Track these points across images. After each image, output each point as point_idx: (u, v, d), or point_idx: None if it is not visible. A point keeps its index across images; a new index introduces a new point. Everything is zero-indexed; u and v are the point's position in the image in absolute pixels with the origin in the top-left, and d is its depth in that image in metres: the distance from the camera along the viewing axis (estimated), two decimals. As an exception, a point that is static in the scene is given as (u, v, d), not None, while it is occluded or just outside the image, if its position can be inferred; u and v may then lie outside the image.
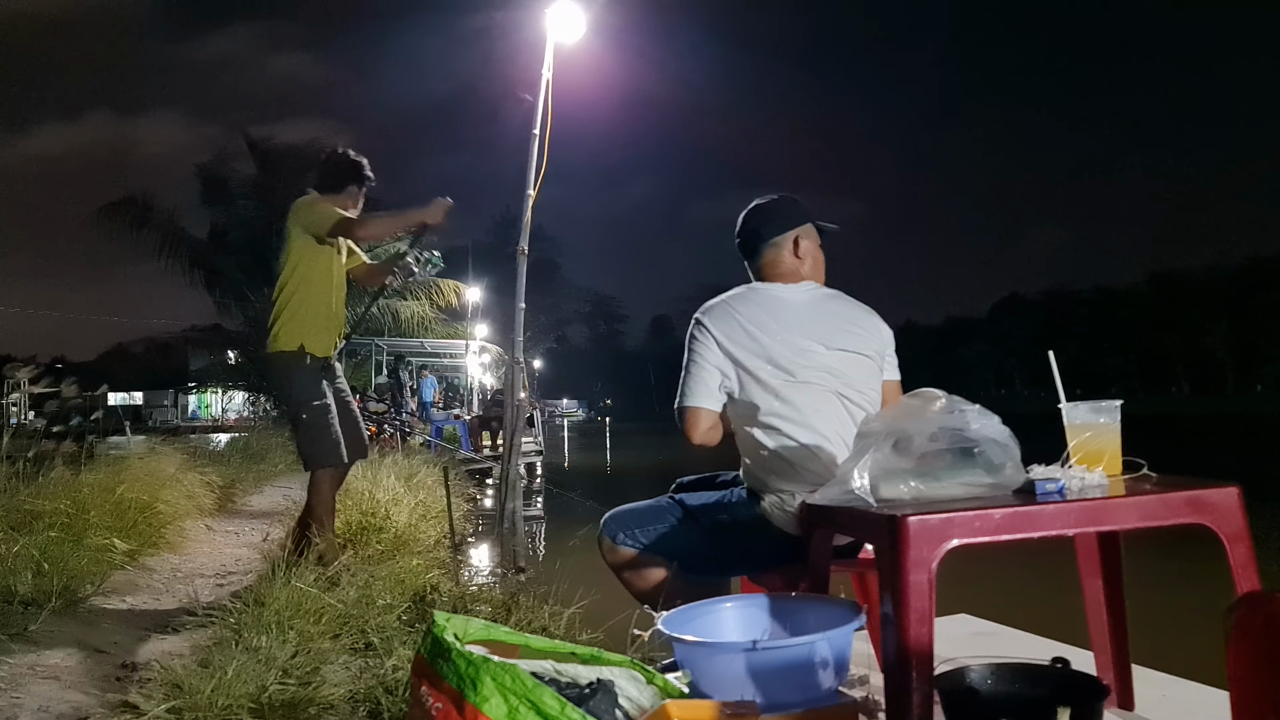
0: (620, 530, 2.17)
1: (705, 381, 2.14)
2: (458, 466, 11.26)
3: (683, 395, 2.17)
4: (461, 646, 1.41)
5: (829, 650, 1.60)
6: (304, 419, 3.81)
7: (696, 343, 2.16)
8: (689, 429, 2.16)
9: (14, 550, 3.31)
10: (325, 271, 3.92)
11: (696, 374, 2.15)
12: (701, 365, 2.14)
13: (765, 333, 2.10)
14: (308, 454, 3.87)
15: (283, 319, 3.86)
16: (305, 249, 3.87)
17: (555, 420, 59.89)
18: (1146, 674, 2.11)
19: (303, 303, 3.85)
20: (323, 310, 3.91)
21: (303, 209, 3.89)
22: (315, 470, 3.86)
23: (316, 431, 3.82)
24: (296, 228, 3.88)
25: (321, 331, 3.91)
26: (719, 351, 2.12)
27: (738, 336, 2.10)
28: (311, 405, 3.81)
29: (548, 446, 21.46)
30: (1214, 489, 1.64)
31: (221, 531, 5.82)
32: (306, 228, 3.85)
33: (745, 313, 2.13)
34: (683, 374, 2.18)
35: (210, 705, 2.10)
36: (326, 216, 3.83)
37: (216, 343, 20.46)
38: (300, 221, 3.87)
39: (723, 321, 2.13)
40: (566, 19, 4.65)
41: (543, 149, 4.63)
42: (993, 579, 4.32)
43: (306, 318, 3.85)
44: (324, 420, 3.83)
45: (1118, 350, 80.00)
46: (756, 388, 2.09)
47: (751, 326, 2.10)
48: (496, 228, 58.82)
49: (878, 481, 1.66)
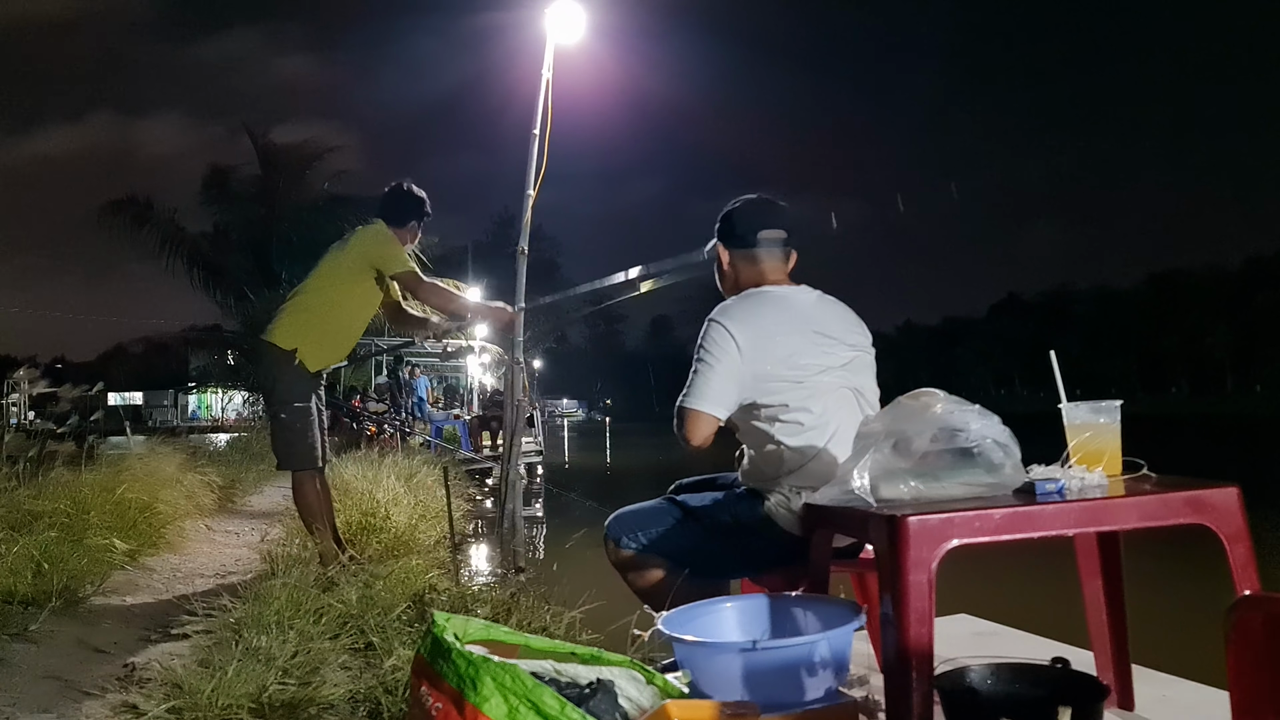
0: (624, 532, 2.16)
1: (719, 387, 2.08)
2: (458, 466, 11.25)
3: (690, 395, 2.10)
4: (461, 646, 1.41)
5: (829, 650, 1.60)
6: (282, 418, 3.84)
7: (714, 345, 2.09)
8: (690, 431, 2.10)
9: (14, 550, 3.31)
10: (362, 301, 3.95)
11: (710, 378, 2.09)
12: (717, 369, 2.08)
13: (786, 333, 2.10)
14: (280, 453, 3.91)
15: (291, 319, 3.86)
16: (354, 274, 3.89)
17: (555, 420, 59.88)
18: (1146, 674, 2.11)
19: (321, 318, 3.87)
20: (339, 333, 3.94)
21: (373, 241, 3.92)
22: (289, 471, 3.90)
23: (292, 433, 3.84)
24: (357, 253, 3.89)
25: (325, 350, 3.92)
26: (738, 355, 2.06)
27: (759, 338, 2.08)
28: (293, 406, 3.82)
29: (548, 446, 21.44)
30: (1214, 489, 1.65)
31: (221, 531, 5.82)
32: (372, 261, 3.88)
33: (765, 314, 2.13)
34: (694, 374, 2.12)
35: (210, 705, 2.10)
36: (401, 262, 3.89)
37: (216, 343, 20.44)
38: (366, 251, 3.89)
39: (743, 324, 2.10)
40: (566, 19, 4.65)
41: (542, 149, 4.63)
42: (993, 579, 4.31)
43: (316, 332, 3.86)
44: (303, 423, 3.84)
45: (1117, 350, 79.98)
46: (779, 387, 2.07)
47: (773, 327, 2.10)
48: (496, 227, 58.83)
49: (878, 481, 1.66)
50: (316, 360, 3.89)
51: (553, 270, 69.47)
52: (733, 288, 2.27)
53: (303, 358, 3.82)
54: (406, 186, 4.13)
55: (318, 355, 3.89)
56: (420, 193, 4.10)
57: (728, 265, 2.28)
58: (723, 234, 2.29)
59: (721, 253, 2.29)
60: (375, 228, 3.98)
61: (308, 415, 3.85)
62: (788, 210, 2.30)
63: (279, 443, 3.89)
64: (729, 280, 2.29)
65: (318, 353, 3.88)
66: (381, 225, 3.99)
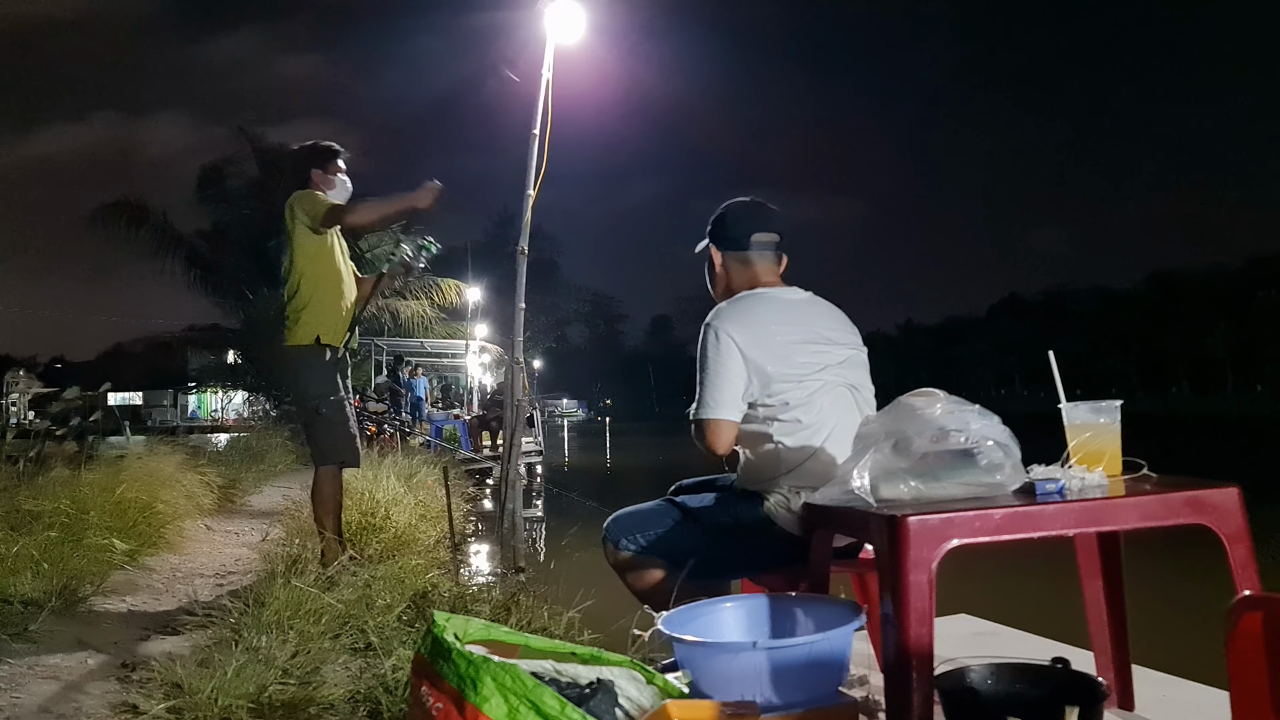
0: (622, 534, 2.16)
1: (728, 391, 2.08)
2: (458, 466, 11.26)
3: (705, 407, 2.10)
4: (461, 646, 1.41)
5: (829, 650, 1.60)
6: (323, 413, 3.83)
7: (715, 350, 2.09)
8: (714, 441, 2.10)
9: (14, 550, 3.31)
10: (333, 266, 3.95)
11: (719, 383, 2.09)
12: (722, 374, 2.08)
13: (783, 333, 2.10)
14: (325, 446, 3.88)
15: (298, 312, 3.87)
16: (308, 243, 3.89)
17: (555, 420, 59.89)
18: (1146, 674, 2.11)
19: (315, 297, 3.88)
20: (337, 302, 3.94)
21: (296, 202, 3.92)
22: (325, 466, 3.88)
23: (336, 426, 3.85)
24: (295, 223, 3.90)
25: (337, 323, 3.93)
26: (740, 357, 2.07)
27: (758, 339, 2.08)
28: (329, 400, 3.84)
29: (548, 446, 21.46)
30: (1214, 489, 1.64)
31: (221, 531, 5.81)
32: (302, 222, 3.88)
33: (762, 314, 2.13)
34: (702, 384, 2.11)
35: (210, 705, 2.10)
36: (317, 204, 3.87)
37: (216, 342, 20.45)
38: (296, 215, 3.89)
39: (741, 325, 2.10)
40: (566, 19, 4.65)
41: (542, 149, 4.63)
42: (993, 579, 4.31)
43: (321, 310, 3.88)
44: (342, 415, 3.88)
45: (1118, 350, 79.98)
46: (780, 387, 2.07)
47: (771, 327, 2.11)
48: (495, 227, 58.80)
49: (878, 482, 1.66)
50: (337, 335, 3.91)
51: (552, 270, 69.51)
52: (725, 290, 2.28)
53: (326, 340, 3.85)
54: (298, 146, 4.17)
55: (335, 331, 3.91)
56: (322, 144, 4.10)
57: (720, 267, 2.29)
58: (715, 236, 2.29)
59: (714, 254, 2.29)
60: (293, 196, 3.98)
61: (344, 407, 3.88)
62: (780, 214, 2.31)
63: (322, 438, 3.87)
64: (721, 282, 2.30)
65: (334, 328, 3.91)
66: (297, 192, 4.00)
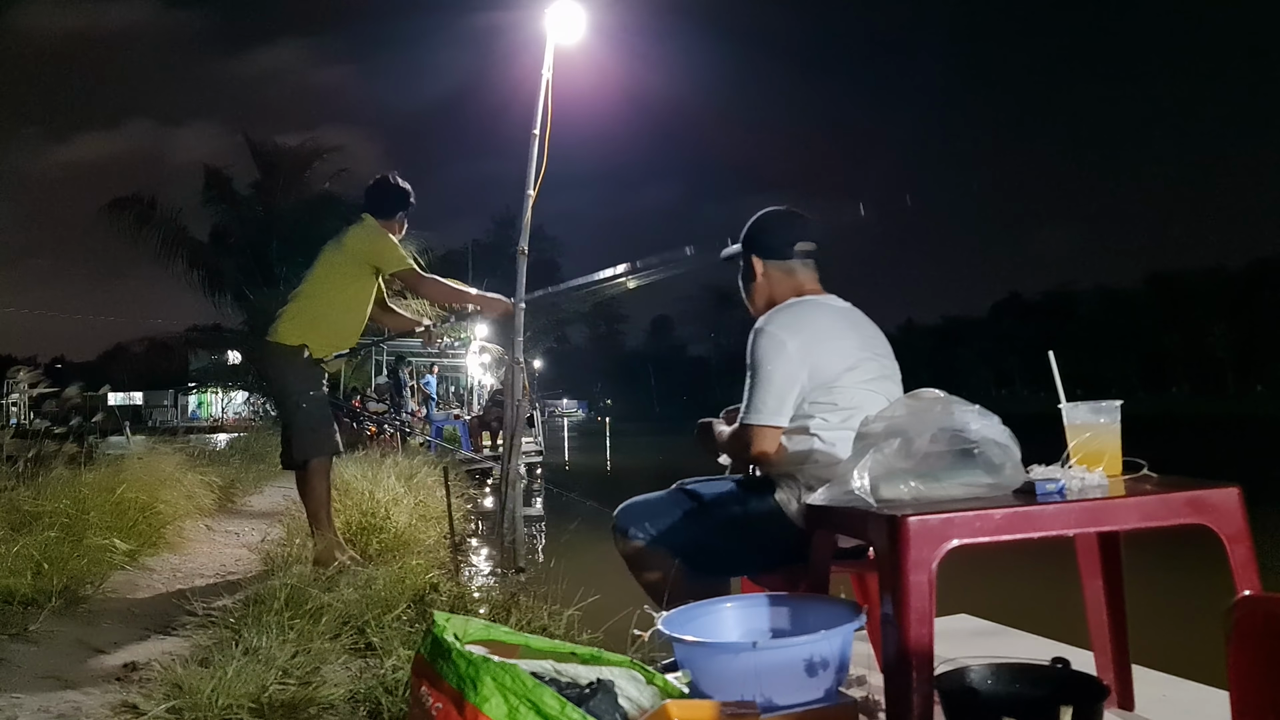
0: (632, 523, 2.15)
1: (781, 397, 2.08)
2: (458, 466, 11.25)
3: (756, 412, 2.10)
4: (461, 646, 1.41)
5: (829, 650, 1.60)
6: (304, 407, 3.86)
7: (769, 355, 2.09)
8: (765, 446, 2.10)
9: (14, 550, 3.31)
10: (362, 297, 3.96)
11: (771, 389, 2.08)
12: (775, 379, 2.07)
13: (835, 338, 2.13)
14: (308, 441, 3.89)
15: (293, 318, 3.88)
16: (351, 272, 3.90)
17: (555, 420, 59.87)
18: (1146, 674, 2.11)
19: (323, 315, 3.89)
20: (341, 328, 3.96)
21: (368, 239, 3.93)
22: (312, 461, 3.88)
23: (317, 420, 3.86)
24: (352, 251, 3.90)
25: (330, 342, 3.94)
26: (797, 360, 2.07)
27: (811, 342, 2.09)
28: (310, 395, 3.86)
29: (548, 446, 21.45)
30: (1214, 489, 1.64)
31: (221, 531, 5.81)
32: (369, 259, 3.89)
33: (813, 319, 2.15)
34: (752, 388, 2.11)
35: (210, 705, 2.10)
36: (399, 259, 3.90)
37: (216, 343, 20.47)
38: (362, 249, 3.90)
39: (794, 329, 2.11)
40: (566, 19, 4.65)
41: (542, 149, 4.63)
42: (993, 579, 4.31)
43: (320, 327, 3.88)
44: (323, 410, 3.89)
45: (1118, 350, 79.96)
46: (829, 393, 2.08)
47: (822, 331, 2.13)
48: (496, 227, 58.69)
49: (878, 482, 1.65)
50: (323, 350, 3.94)
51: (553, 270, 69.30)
52: (767, 299, 2.27)
53: (311, 351, 3.86)
54: (392, 179, 4.14)
55: (323, 347, 3.94)
56: (404, 184, 4.11)
57: (761, 276, 2.29)
58: (756, 245, 2.30)
59: (755, 264, 2.29)
60: (366, 224, 3.98)
61: (324, 402, 3.91)
62: (815, 223, 2.33)
63: (304, 432, 3.89)
64: (762, 292, 2.29)
65: (324, 344, 3.94)
66: (371, 221, 3.99)
